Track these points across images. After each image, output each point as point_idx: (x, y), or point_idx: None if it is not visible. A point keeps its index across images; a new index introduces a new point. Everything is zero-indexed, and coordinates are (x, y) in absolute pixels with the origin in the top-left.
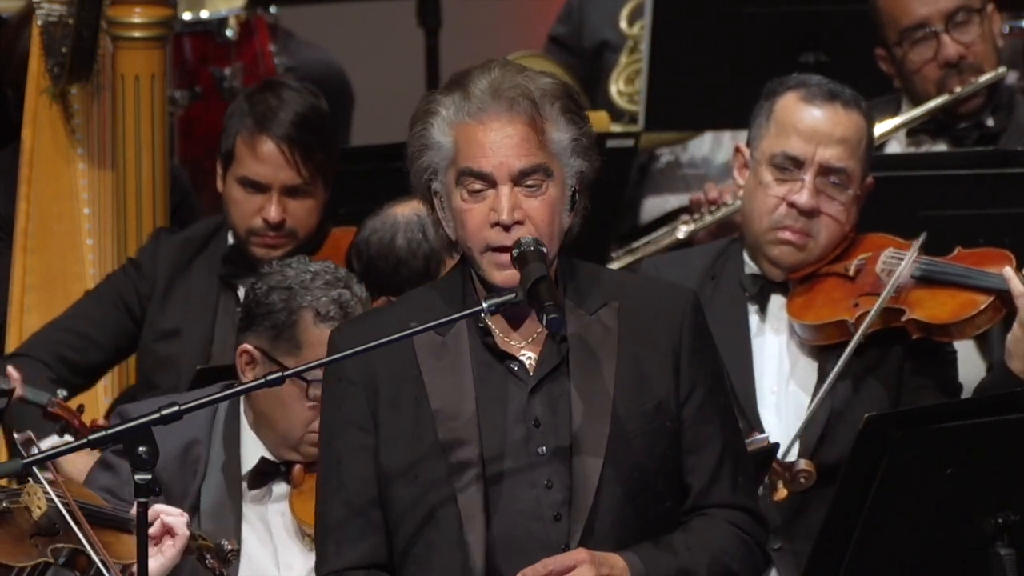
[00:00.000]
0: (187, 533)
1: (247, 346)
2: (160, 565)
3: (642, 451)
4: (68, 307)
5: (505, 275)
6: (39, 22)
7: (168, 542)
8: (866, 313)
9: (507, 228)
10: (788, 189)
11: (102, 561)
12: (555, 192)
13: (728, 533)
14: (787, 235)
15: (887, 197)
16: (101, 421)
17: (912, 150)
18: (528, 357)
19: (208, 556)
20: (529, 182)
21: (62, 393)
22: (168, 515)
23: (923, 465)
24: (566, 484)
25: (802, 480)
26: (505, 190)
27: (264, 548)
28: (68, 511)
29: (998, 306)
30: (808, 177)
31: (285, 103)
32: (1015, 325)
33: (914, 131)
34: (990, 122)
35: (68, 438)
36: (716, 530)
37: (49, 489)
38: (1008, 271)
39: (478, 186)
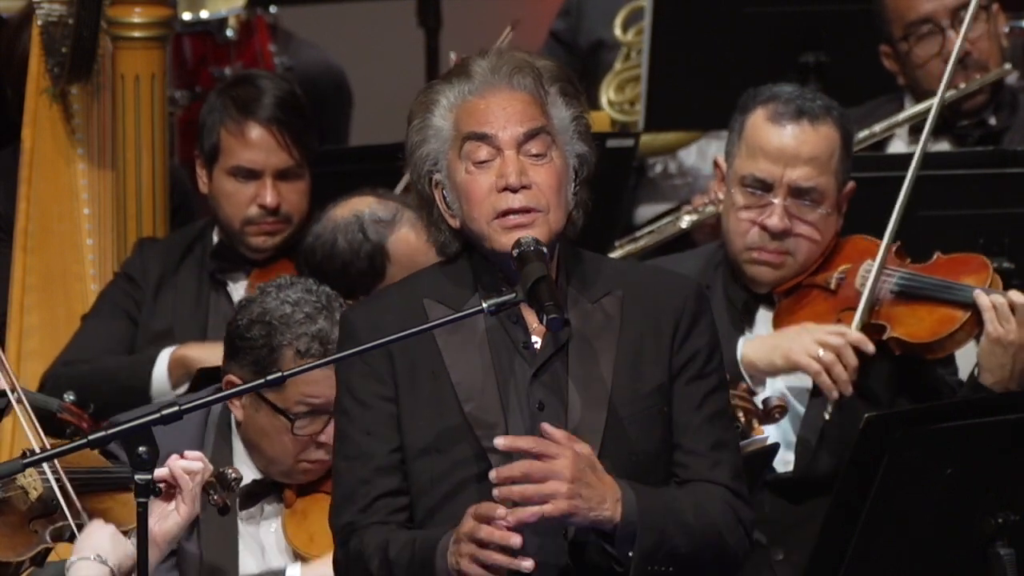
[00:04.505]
0: (188, 484)
1: (232, 377)
2: (175, 523)
3: (639, 437)
4: (73, 336)
5: (512, 236)
6: (39, 22)
7: (175, 501)
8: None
9: (515, 191)
10: (759, 212)
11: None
12: (560, 163)
13: (718, 497)
14: (763, 255)
15: (887, 197)
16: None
17: (915, 148)
18: (536, 341)
19: (212, 493)
20: (535, 150)
21: (70, 397)
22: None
23: (923, 465)
24: None
25: (776, 415)
26: (511, 155)
27: (259, 567)
28: (62, 488)
29: (976, 320)
30: (778, 200)
31: (263, 90)
32: (983, 339)
33: (917, 129)
34: (992, 121)
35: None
36: (706, 492)
37: (45, 467)
38: (979, 290)
39: (483, 155)
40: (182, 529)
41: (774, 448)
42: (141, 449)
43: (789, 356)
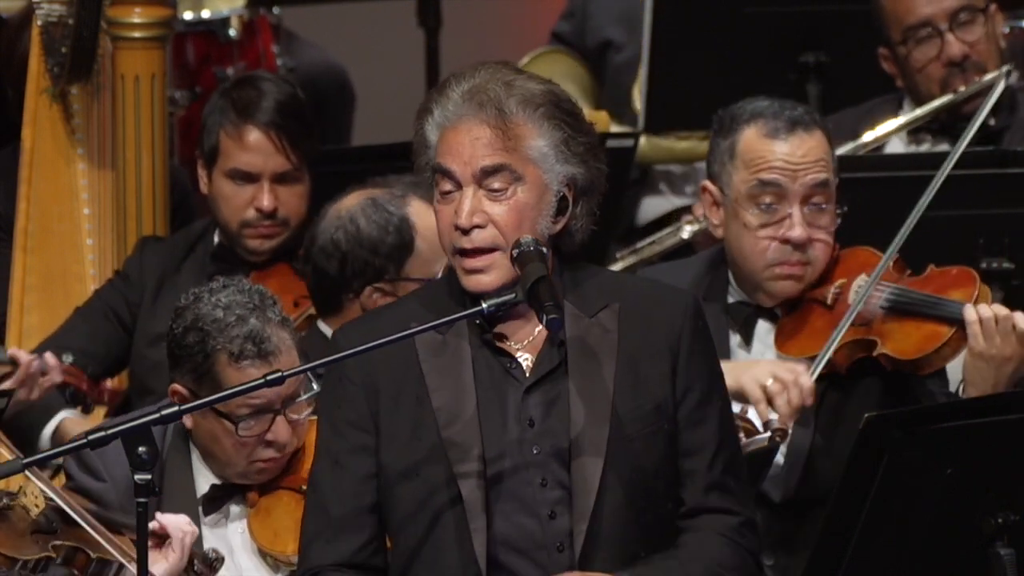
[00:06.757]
0: (180, 536)
1: (176, 386)
2: (163, 570)
3: (641, 454)
4: (59, 326)
5: (471, 280)
6: (39, 22)
7: (170, 548)
8: (840, 345)
9: (465, 232)
10: (777, 226)
11: (100, 559)
12: (526, 197)
13: (720, 543)
14: (786, 270)
15: (887, 197)
16: (109, 384)
17: (913, 149)
18: (525, 358)
19: (196, 562)
20: (495, 185)
21: (68, 359)
22: (165, 521)
23: (923, 465)
24: (561, 483)
25: (777, 438)
26: (468, 192)
27: (227, 570)
28: (69, 508)
29: (962, 336)
30: (795, 210)
31: (265, 93)
32: (967, 354)
33: (915, 130)
34: (992, 121)
35: (74, 422)
36: (709, 543)
37: (47, 488)
38: (968, 306)
39: (447, 187)
40: (168, 574)
41: (775, 448)
42: (141, 449)
43: (739, 379)
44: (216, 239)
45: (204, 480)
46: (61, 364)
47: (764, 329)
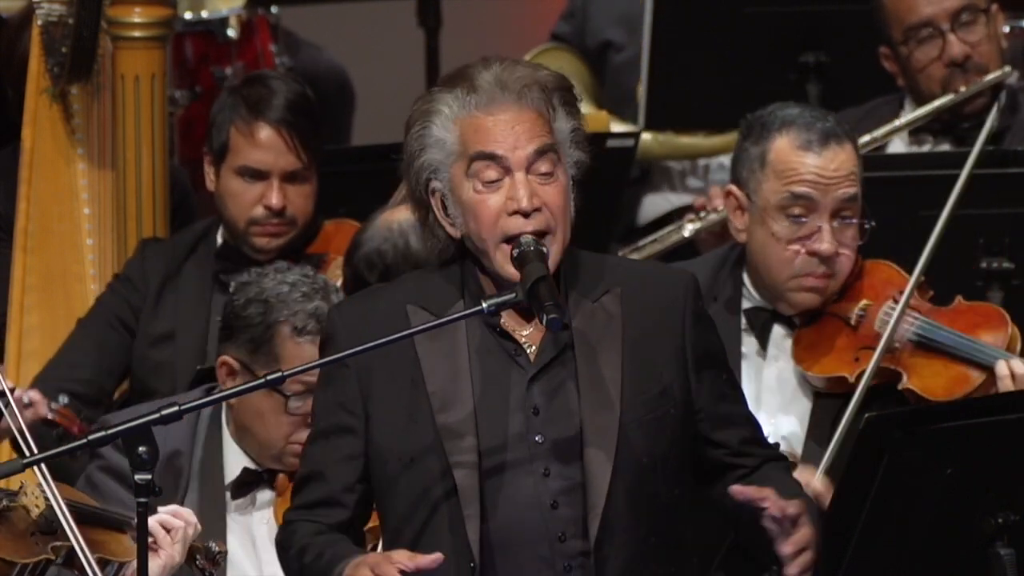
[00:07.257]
0: (164, 534)
1: (227, 357)
2: (159, 565)
3: (649, 438)
4: (65, 341)
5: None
6: (39, 22)
7: (162, 543)
8: (863, 372)
9: (527, 215)
10: (805, 239)
11: (86, 560)
12: (564, 179)
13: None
14: (811, 282)
15: (887, 197)
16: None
17: (915, 149)
18: (529, 346)
19: (198, 557)
20: (543, 169)
21: (63, 399)
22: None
23: (923, 465)
24: (564, 472)
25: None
26: (520, 177)
27: (249, 559)
28: (61, 510)
29: (991, 383)
30: (825, 224)
31: (275, 91)
32: None
33: (917, 130)
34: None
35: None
36: (782, 471)
37: (47, 488)
38: (1001, 360)
39: (493, 175)
40: (163, 571)
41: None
42: (141, 449)
43: None
44: (220, 238)
45: (235, 463)
46: (50, 401)
47: (780, 335)
